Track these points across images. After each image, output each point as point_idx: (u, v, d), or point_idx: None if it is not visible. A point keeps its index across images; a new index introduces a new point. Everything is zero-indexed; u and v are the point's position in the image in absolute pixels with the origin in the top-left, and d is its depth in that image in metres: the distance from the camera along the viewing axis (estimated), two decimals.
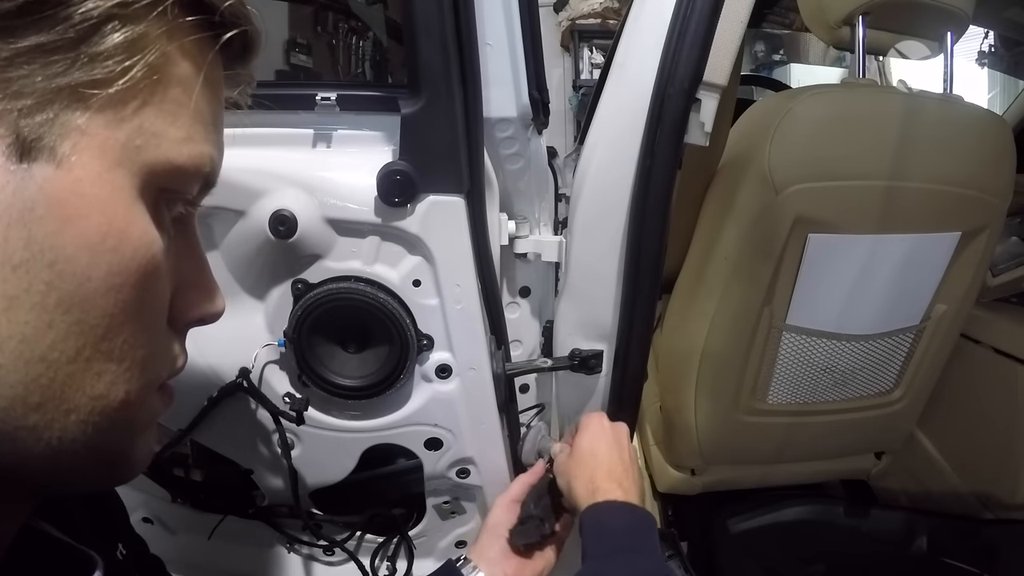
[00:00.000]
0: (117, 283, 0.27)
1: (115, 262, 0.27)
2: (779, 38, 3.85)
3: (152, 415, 0.33)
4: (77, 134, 0.27)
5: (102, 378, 0.28)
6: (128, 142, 0.28)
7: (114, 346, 0.28)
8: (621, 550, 0.59)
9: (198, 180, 0.32)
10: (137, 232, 0.28)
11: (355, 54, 2.61)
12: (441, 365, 0.71)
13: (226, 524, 0.84)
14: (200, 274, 0.35)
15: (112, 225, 0.27)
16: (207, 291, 0.35)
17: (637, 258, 0.71)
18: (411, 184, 0.62)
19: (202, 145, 0.31)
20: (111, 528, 0.48)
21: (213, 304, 0.36)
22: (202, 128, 0.31)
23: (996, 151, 1.00)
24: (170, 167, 0.29)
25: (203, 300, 0.35)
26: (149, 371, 0.31)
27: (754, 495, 1.36)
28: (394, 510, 0.84)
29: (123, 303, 0.28)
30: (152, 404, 0.33)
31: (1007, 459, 1.19)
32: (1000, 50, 1.69)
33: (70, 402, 0.27)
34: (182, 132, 0.30)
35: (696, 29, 0.64)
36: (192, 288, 0.34)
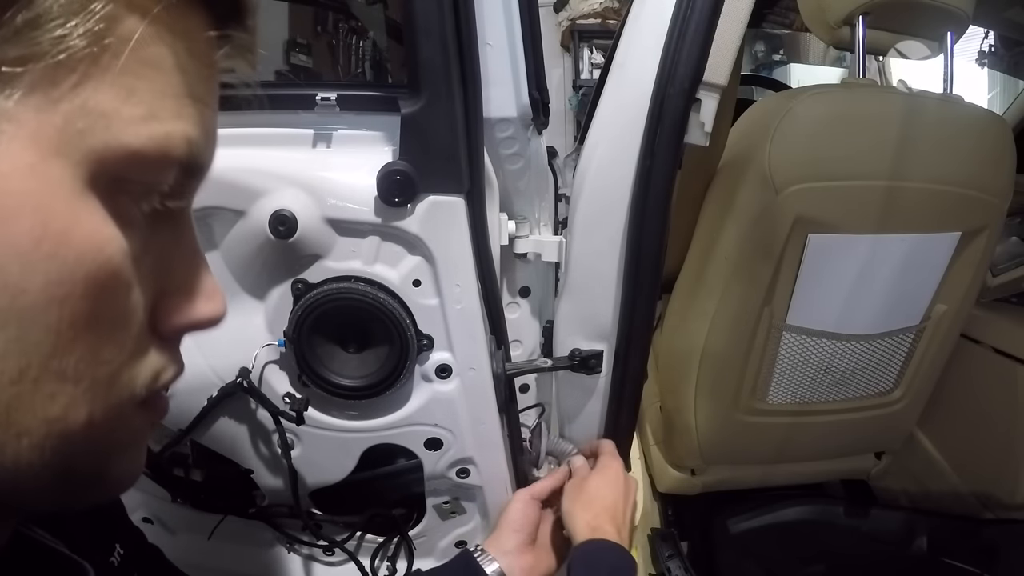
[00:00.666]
0: (60, 294, 0.23)
1: (54, 270, 0.23)
2: (779, 38, 3.85)
3: (133, 433, 0.29)
4: (3, 120, 0.22)
5: (56, 400, 0.24)
6: (67, 125, 0.23)
7: (66, 364, 0.24)
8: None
9: (170, 166, 0.26)
10: (83, 233, 0.24)
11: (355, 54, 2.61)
12: (441, 365, 0.71)
13: (226, 524, 0.84)
14: (193, 275, 0.30)
15: (48, 227, 0.23)
16: (202, 294, 0.30)
17: (637, 258, 0.71)
18: (411, 184, 0.62)
19: (170, 123, 0.26)
20: (108, 529, 0.47)
21: (209, 308, 0.31)
22: (171, 103, 0.26)
23: (996, 151, 1.00)
24: (125, 152, 0.24)
25: (196, 305, 0.30)
26: (119, 388, 0.27)
27: (754, 495, 1.36)
28: (394, 510, 0.84)
29: (71, 316, 0.24)
30: (131, 422, 0.28)
31: (1007, 459, 1.19)
32: (1000, 50, 1.69)
33: (19, 425, 0.24)
34: (140, 109, 0.25)
35: (696, 29, 0.64)
36: (182, 291, 0.30)
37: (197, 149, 0.28)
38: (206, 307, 0.30)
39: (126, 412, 0.28)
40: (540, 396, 0.94)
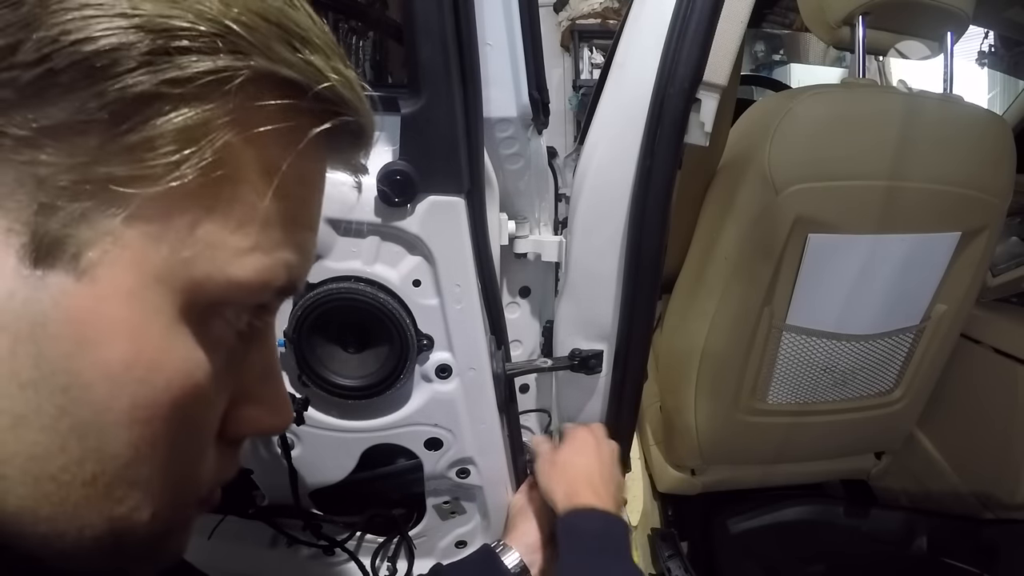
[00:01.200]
0: (144, 416, 0.23)
1: (141, 394, 0.23)
2: (779, 38, 3.85)
3: (187, 523, 0.29)
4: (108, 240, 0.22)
5: (123, 503, 0.24)
6: (173, 254, 0.23)
7: (139, 475, 0.24)
8: (593, 552, 0.63)
9: (267, 293, 0.26)
10: (174, 362, 0.24)
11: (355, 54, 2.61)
12: (441, 365, 0.71)
13: (226, 524, 0.84)
14: (267, 386, 0.30)
15: (141, 354, 0.23)
16: (273, 406, 0.30)
17: (637, 258, 0.71)
18: (411, 184, 0.62)
19: (275, 254, 0.25)
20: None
21: (278, 420, 0.31)
22: (278, 233, 0.25)
23: (996, 151, 1.00)
24: (227, 283, 0.24)
25: (265, 416, 0.30)
26: (185, 491, 0.27)
27: (754, 495, 1.36)
28: (394, 510, 0.84)
29: (151, 436, 0.24)
30: (188, 516, 0.29)
31: (1007, 459, 1.19)
32: (1000, 50, 1.69)
33: (83, 520, 0.24)
34: (248, 241, 0.24)
35: (696, 29, 0.64)
36: (255, 402, 0.29)
37: (296, 275, 0.27)
38: (276, 421, 0.31)
39: (186, 507, 0.28)
40: (540, 396, 0.93)
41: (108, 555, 0.25)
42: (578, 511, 0.66)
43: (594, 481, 0.69)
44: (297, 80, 0.24)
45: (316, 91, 0.25)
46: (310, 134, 0.25)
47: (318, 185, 0.29)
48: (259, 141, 0.24)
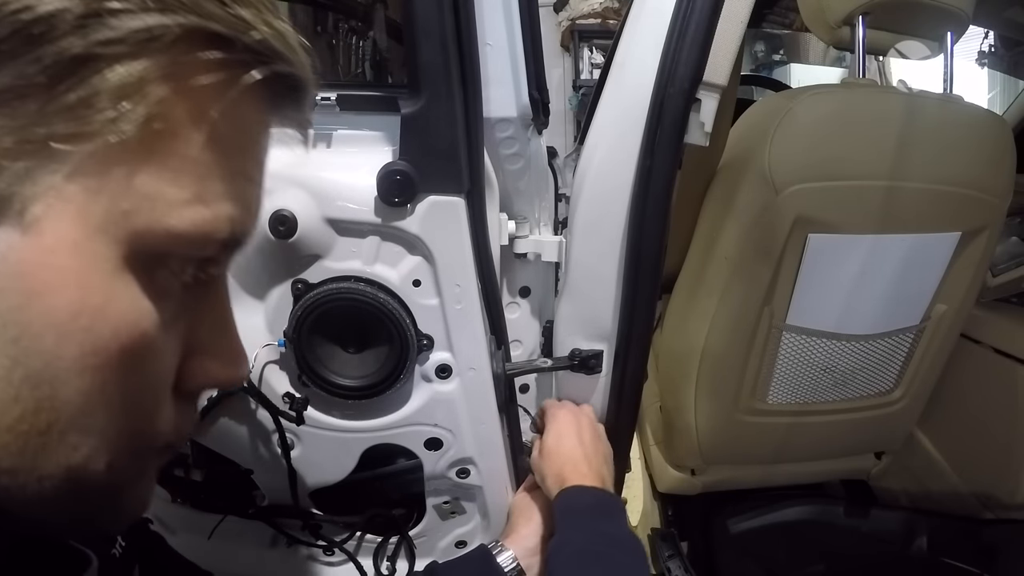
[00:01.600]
0: (93, 364, 0.24)
1: (89, 342, 0.24)
2: (779, 38, 3.85)
3: (146, 472, 0.30)
4: (52, 195, 0.23)
5: (79, 451, 0.25)
6: (113, 206, 0.24)
7: (93, 423, 0.25)
8: (586, 523, 0.65)
9: (211, 245, 0.27)
10: (119, 309, 0.24)
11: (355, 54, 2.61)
12: (441, 365, 0.71)
13: (226, 524, 0.84)
14: (222, 338, 0.31)
15: (86, 302, 0.24)
16: (228, 357, 0.31)
17: (637, 258, 0.71)
18: (411, 184, 0.62)
19: (216, 206, 0.26)
20: None
21: (233, 372, 0.31)
22: (218, 185, 0.26)
23: (996, 151, 1.00)
24: (167, 234, 0.25)
25: (221, 368, 0.31)
26: (140, 441, 0.28)
27: (754, 495, 1.36)
28: (394, 510, 0.84)
29: (102, 382, 0.25)
30: (146, 465, 0.30)
31: (1007, 459, 1.19)
32: (1000, 50, 1.70)
33: (43, 470, 0.25)
34: (186, 193, 0.25)
35: (696, 29, 0.64)
36: (210, 354, 0.30)
37: (240, 227, 0.28)
38: (231, 372, 0.31)
39: (142, 458, 0.29)
40: (540, 396, 0.94)
41: (70, 505, 0.27)
42: (568, 491, 0.67)
43: (580, 464, 0.71)
44: (226, 34, 0.25)
45: (246, 43, 0.25)
46: (241, 84, 0.26)
47: (258, 139, 0.29)
48: (193, 95, 0.25)
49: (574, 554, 0.62)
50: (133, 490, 0.30)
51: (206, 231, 0.26)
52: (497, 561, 0.69)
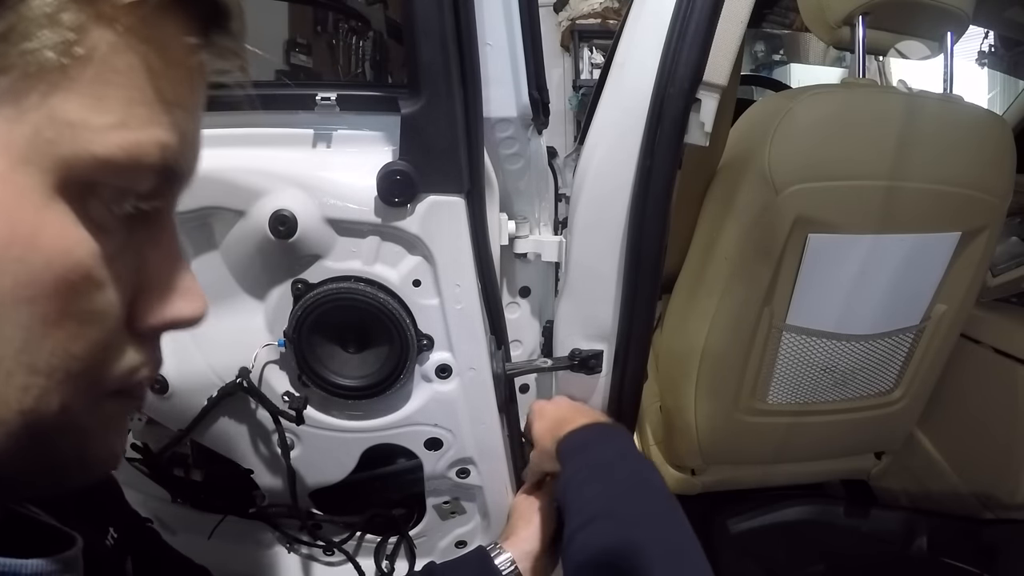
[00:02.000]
0: (29, 295, 0.24)
1: (23, 272, 0.24)
2: (779, 38, 3.85)
3: (109, 420, 0.30)
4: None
5: (29, 392, 0.25)
6: (36, 135, 0.24)
7: (38, 359, 0.25)
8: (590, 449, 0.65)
9: (143, 172, 0.27)
10: (50, 238, 0.24)
11: (355, 54, 2.61)
12: (441, 365, 0.71)
13: (226, 524, 0.84)
14: (171, 274, 0.30)
15: (16, 232, 0.24)
16: (180, 294, 0.31)
17: (637, 258, 0.71)
18: (411, 184, 0.62)
19: (141, 131, 0.26)
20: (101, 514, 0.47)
21: (186, 308, 0.31)
22: (143, 110, 0.26)
23: (996, 151, 1.00)
24: (94, 161, 0.25)
25: (172, 304, 0.30)
26: (93, 382, 0.28)
27: (754, 495, 1.36)
28: (394, 510, 0.85)
29: (42, 315, 0.25)
30: (106, 411, 0.29)
31: (1007, 459, 1.19)
32: (1000, 50, 1.70)
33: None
34: (109, 118, 0.25)
35: (696, 29, 0.64)
36: (160, 290, 0.30)
37: (172, 155, 0.27)
38: (184, 307, 0.31)
39: (101, 402, 0.29)
40: (540, 396, 0.93)
41: (33, 456, 0.27)
42: (565, 437, 0.67)
43: (569, 415, 0.71)
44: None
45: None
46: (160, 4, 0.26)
47: (187, 65, 0.28)
48: (112, 19, 0.25)
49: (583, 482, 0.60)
50: (100, 439, 0.30)
51: (134, 155, 0.26)
52: (495, 563, 0.68)
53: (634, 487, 0.60)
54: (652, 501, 0.59)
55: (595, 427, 0.68)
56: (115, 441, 0.32)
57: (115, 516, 0.49)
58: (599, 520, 0.56)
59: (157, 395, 0.72)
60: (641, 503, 0.58)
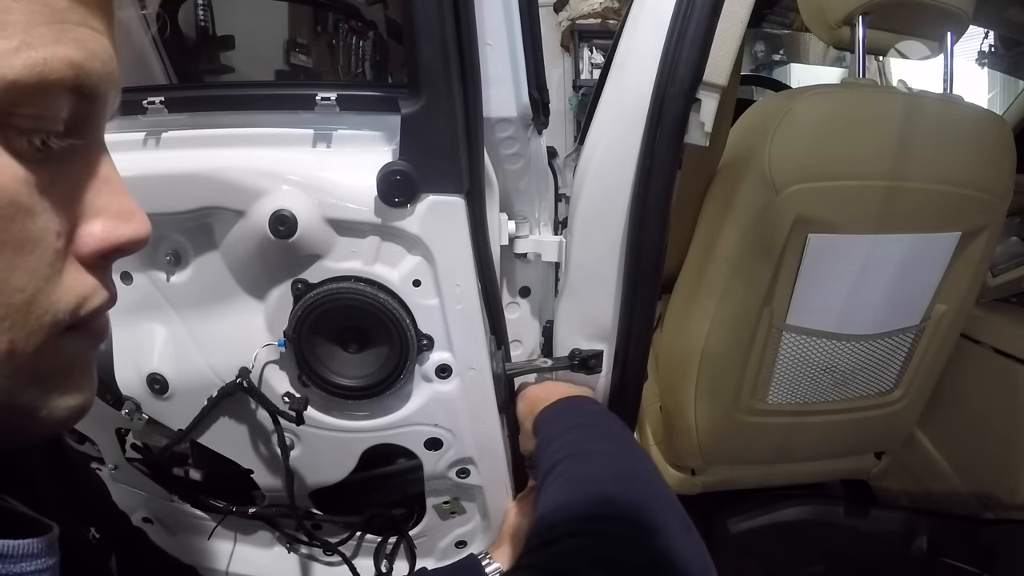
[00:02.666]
0: None
1: None
2: (779, 38, 3.85)
3: (67, 359, 0.30)
4: None
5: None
6: None
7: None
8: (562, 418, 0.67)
9: (55, 93, 0.26)
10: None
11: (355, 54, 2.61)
12: (441, 365, 0.71)
13: (226, 524, 0.84)
14: (108, 197, 0.30)
15: None
16: (117, 215, 0.30)
17: (637, 258, 0.71)
18: (411, 184, 0.62)
19: (46, 49, 0.25)
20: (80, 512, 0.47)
21: (127, 230, 0.30)
22: (46, 30, 0.25)
23: (996, 151, 1.00)
24: (2, 84, 0.24)
25: (112, 226, 0.30)
26: (39, 314, 0.27)
27: (754, 495, 1.35)
28: (394, 510, 0.85)
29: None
30: (61, 348, 0.29)
31: (1007, 459, 1.19)
32: (1000, 50, 1.70)
33: None
34: (12, 41, 0.24)
35: (696, 29, 0.64)
36: (99, 216, 0.30)
37: (85, 73, 0.27)
38: (122, 229, 0.30)
39: (52, 337, 0.28)
40: None
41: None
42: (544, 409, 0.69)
43: (544, 392, 0.73)
44: None
45: None
46: None
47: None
48: None
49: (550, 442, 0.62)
50: (60, 383, 0.29)
51: (42, 74, 0.25)
52: (486, 573, 0.69)
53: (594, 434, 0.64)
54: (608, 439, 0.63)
55: (567, 400, 0.70)
56: (79, 384, 0.31)
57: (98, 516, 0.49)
58: (560, 464, 0.59)
59: (157, 395, 0.72)
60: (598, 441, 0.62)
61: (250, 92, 0.67)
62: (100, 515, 0.50)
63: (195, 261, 0.69)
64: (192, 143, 0.66)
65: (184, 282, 0.70)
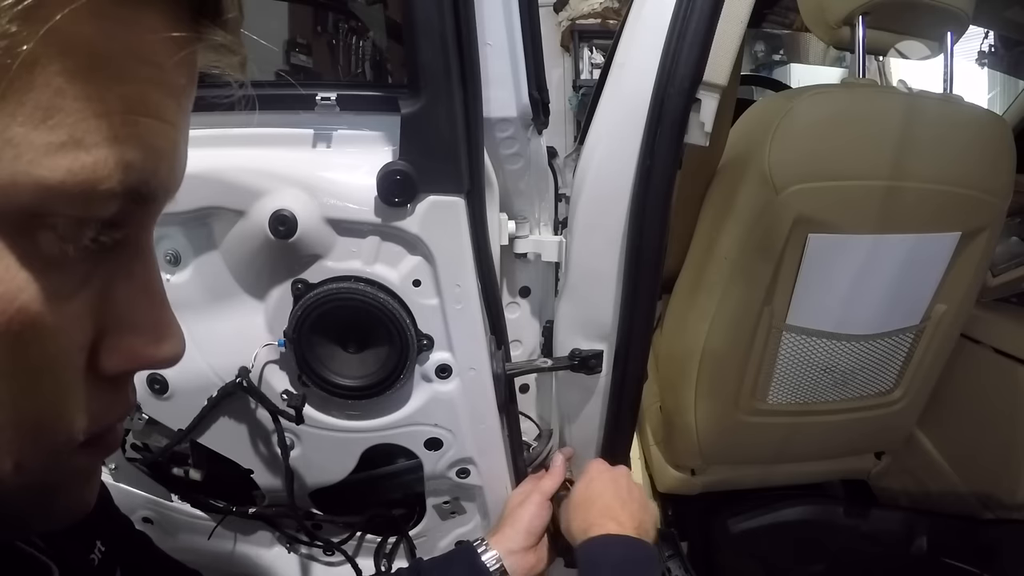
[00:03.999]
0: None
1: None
2: (779, 38, 3.85)
3: (75, 474, 0.27)
4: None
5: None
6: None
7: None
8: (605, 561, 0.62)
9: (103, 199, 0.22)
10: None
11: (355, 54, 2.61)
12: (441, 365, 0.71)
13: (226, 524, 0.84)
14: (145, 311, 0.26)
15: None
16: (154, 332, 0.26)
17: (637, 258, 0.71)
18: (411, 184, 0.62)
19: (100, 150, 0.21)
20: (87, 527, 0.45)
21: (160, 349, 0.26)
22: (103, 123, 0.21)
23: (996, 151, 1.00)
24: (38, 188, 0.20)
25: (145, 344, 0.26)
26: (50, 435, 0.24)
27: (754, 495, 1.36)
28: (394, 510, 0.84)
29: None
30: (70, 464, 0.26)
31: (1007, 459, 1.19)
32: (1000, 50, 1.69)
33: None
34: (58, 136, 0.20)
35: (696, 29, 0.64)
36: (131, 329, 0.26)
37: (138, 175, 0.23)
38: (154, 349, 0.26)
39: (63, 456, 0.25)
40: (540, 396, 0.94)
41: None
42: (595, 540, 0.64)
43: (611, 507, 0.68)
44: None
45: None
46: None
47: (163, 65, 0.23)
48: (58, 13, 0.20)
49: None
50: (69, 490, 0.27)
51: (87, 180, 0.21)
52: (482, 560, 0.68)
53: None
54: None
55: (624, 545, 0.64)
56: (85, 493, 0.28)
57: (103, 527, 0.48)
58: None
59: (157, 395, 0.72)
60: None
61: (250, 92, 0.67)
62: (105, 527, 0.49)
63: (195, 261, 0.69)
64: (192, 143, 0.66)
65: (184, 282, 0.70)
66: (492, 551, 0.69)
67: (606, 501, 0.69)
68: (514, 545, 0.71)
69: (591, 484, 0.72)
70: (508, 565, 0.69)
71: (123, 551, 0.50)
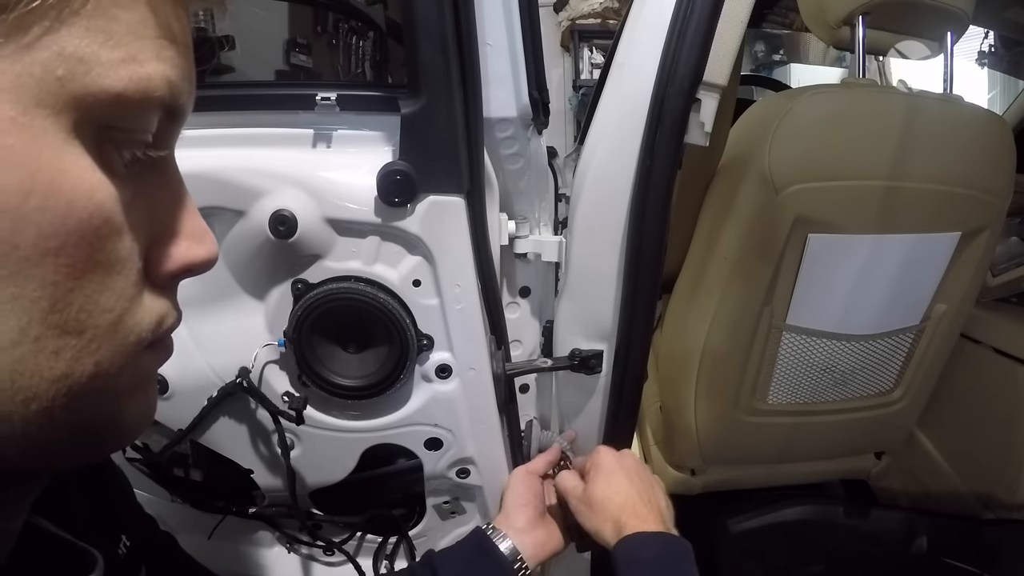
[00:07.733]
0: (54, 246, 0.23)
1: (46, 222, 0.23)
2: (779, 38, 3.85)
3: (142, 376, 0.29)
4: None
5: (60, 356, 0.24)
6: (46, 74, 0.22)
7: (67, 317, 0.24)
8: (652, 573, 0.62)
9: (152, 110, 0.26)
10: (71, 182, 0.23)
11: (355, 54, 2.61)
12: (441, 365, 0.71)
13: (226, 524, 0.84)
14: (182, 219, 0.30)
15: (36, 179, 0.22)
16: (192, 237, 0.30)
17: (637, 258, 0.71)
18: (411, 184, 0.62)
19: (151, 65, 0.25)
20: (113, 521, 0.46)
21: (199, 252, 0.30)
22: (149, 44, 0.25)
23: (996, 151, 1.00)
24: (108, 97, 0.24)
25: (187, 249, 0.30)
26: (124, 336, 0.27)
27: (754, 495, 1.36)
28: (394, 510, 0.85)
29: (67, 268, 0.23)
30: (139, 365, 0.28)
31: (1007, 459, 1.19)
32: (1000, 50, 1.69)
33: (26, 391, 0.23)
34: (119, 52, 0.24)
35: (696, 29, 0.64)
36: (172, 236, 0.30)
37: (177, 91, 0.27)
38: (196, 250, 0.30)
39: (134, 356, 0.28)
40: (540, 396, 0.93)
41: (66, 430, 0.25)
42: (632, 539, 0.64)
43: (639, 510, 0.68)
44: None
45: None
46: None
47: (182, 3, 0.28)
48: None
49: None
50: (132, 398, 0.29)
51: (144, 89, 0.25)
52: (499, 549, 0.69)
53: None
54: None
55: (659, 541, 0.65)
56: (148, 399, 0.31)
57: (128, 523, 0.48)
58: None
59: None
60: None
61: (250, 92, 0.67)
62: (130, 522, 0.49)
63: None
64: (192, 143, 0.65)
65: (184, 282, 0.69)
66: (508, 541, 0.70)
67: (632, 501, 0.69)
68: (517, 523, 0.71)
69: (610, 485, 0.71)
70: (517, 543, 0.69)
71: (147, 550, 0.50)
